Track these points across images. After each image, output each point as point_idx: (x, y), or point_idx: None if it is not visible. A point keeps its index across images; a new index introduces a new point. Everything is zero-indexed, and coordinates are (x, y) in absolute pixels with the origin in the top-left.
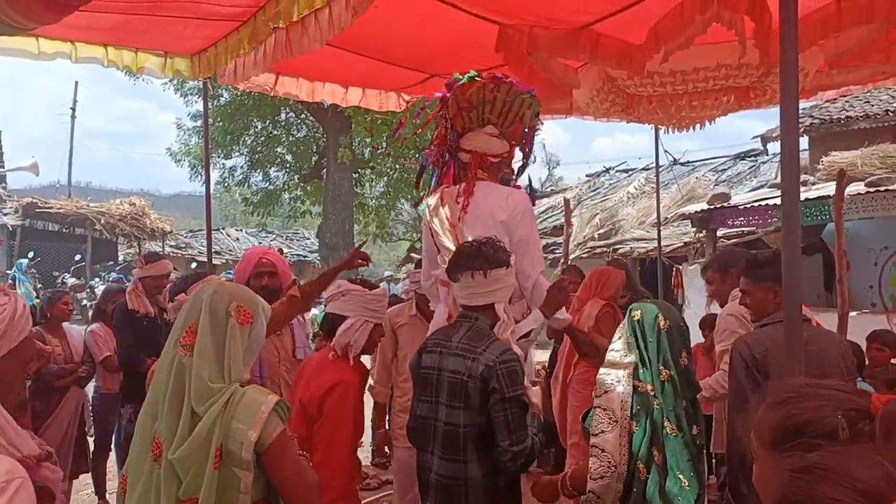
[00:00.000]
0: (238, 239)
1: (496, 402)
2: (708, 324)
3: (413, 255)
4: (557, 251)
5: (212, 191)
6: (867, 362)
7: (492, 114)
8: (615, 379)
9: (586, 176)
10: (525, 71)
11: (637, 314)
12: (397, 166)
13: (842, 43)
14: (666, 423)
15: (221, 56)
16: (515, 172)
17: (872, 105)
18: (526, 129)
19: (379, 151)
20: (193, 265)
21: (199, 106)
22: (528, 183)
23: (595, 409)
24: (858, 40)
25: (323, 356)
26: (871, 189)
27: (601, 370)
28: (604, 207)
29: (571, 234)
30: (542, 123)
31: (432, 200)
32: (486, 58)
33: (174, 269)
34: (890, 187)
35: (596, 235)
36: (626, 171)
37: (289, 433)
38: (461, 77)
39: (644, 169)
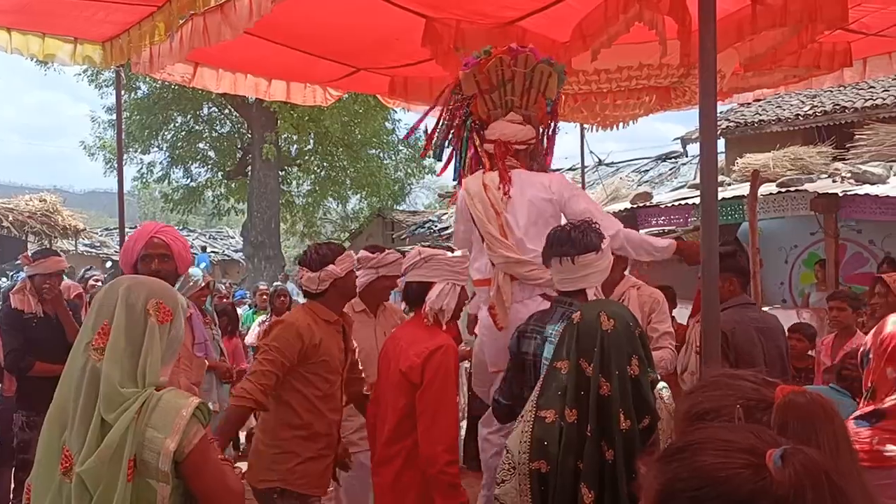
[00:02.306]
0: None
1: None
2: None
3: None
4: None
5: (129, 187)
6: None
7: (513, 95)
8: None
9: None
10: (452, 65)
11: (576, 316)
12: (325, 164)
13: (756, 46)
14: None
15: (135, 43)
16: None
17: (784, 109)
18: (550, 103)
19: (306, 148)
20: (108, 265)
21: (115, 98)
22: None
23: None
24: (772, 44)
25: (414, 325)
26: (783, 190)
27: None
28: None
29: None
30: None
31: (474, 186)
32: (414, 52)
33: (72, 266)
34: (800, 188)
35: None
36: (552, 170)
37: (210, 437)
38: (478, 54)
39: (570, 169)
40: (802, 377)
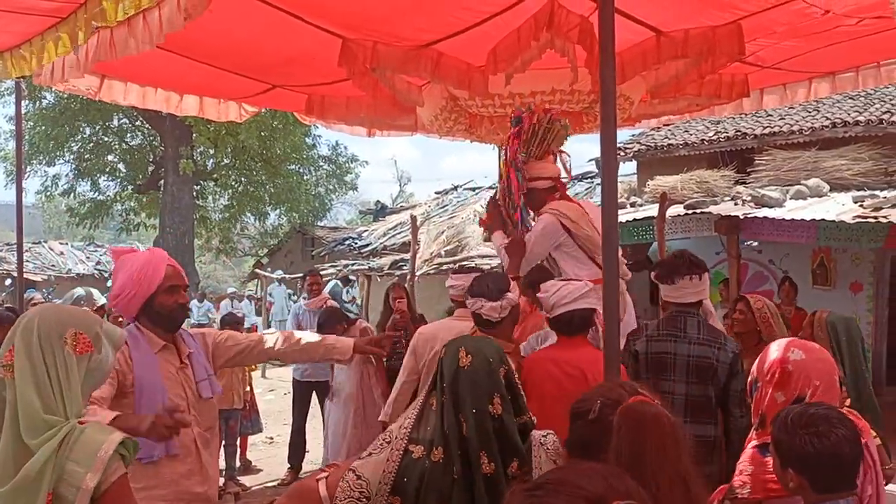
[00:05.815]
0: (62, 253)
1: (737, 382)
2: None
3: (258, 271)
4: (405, 267)
5: (33, 200)
6: None
7: (534, 146)
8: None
9: (435, 193)
10: (369, 86)
11: (442, 351)
12: (242, 178)
13: (661, 75)
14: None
15: (37, 54)
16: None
17: (691, 134)
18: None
19: (223, 163)
20: (8, 282)
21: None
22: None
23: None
24: (675, 73)
25: (583, 347)
26: (689, 211)
27: None
28: (451, 224)
29: (419, 251)
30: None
31: (574, 213)
32: (331, 71)
33: None
34: (704, 210)
35: (443, 252)
36: (473, 189)
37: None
38: (523, 109)
39: (490, 188)
40: None
